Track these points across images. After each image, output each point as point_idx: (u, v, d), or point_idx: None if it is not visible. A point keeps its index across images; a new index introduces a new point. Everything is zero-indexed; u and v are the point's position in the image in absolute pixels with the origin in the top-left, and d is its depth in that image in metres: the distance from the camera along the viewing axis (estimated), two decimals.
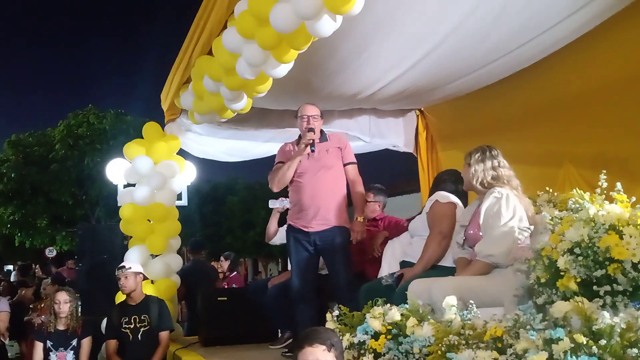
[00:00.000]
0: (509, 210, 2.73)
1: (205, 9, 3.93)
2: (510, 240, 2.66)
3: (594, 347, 1.55)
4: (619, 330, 1.58)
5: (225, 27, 3.67)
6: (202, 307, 5.14)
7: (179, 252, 5.79)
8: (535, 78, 4.27)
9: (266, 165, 4.59)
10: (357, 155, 4.13)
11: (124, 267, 4.46)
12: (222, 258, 7.39)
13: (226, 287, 6.78)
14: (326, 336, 1.92)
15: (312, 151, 3.74)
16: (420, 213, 3.59)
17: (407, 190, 9.99)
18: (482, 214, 2.78)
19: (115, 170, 5.51)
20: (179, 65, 4.60)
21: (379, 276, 3.51)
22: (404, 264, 3.38)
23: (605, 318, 1.60)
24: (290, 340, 4.40)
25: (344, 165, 3.89)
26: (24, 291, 7.51)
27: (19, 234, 16.45)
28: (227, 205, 21.06)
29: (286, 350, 4.30)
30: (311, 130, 3.74)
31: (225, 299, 5.15)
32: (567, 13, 3.44)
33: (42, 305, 5.97)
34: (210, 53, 3.92)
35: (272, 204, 4.46)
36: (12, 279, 11.61)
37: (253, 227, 19.81)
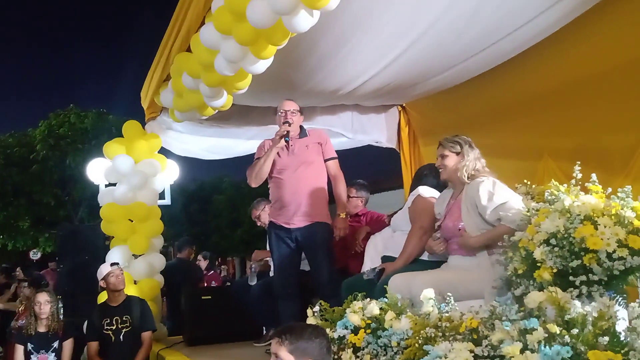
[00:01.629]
0: (508, 189, 2.75)
1: (183, 5, 3.90)
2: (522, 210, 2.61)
3: (566, 337, 1.56)
4: (591, 319, 1.59)
5: (203, 23, 3.64)
6: (186, 306, 5.12)
7: (166, 251, 5.75)
8: (514, 72, 4.29)
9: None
10: (339, 152, 4.13)
11: (117, 263, 4.47)
12: (200, 257, 7.40)
13: (204, 285, 6.79)
14: (285, 331, 1.92)
15: (287, 142, 3.74)
16: (402, 208, 3.60)
17: (390, 186, 10.01)
18: (482, 195, 2.71)
19: (96, 170, 5.46)
20: (158, 63, 4.56)
21: (361, 271, 3.52)
22: (385, 259, 3.39)
23: (577, 307, 1.61)
24: None
25: (325, 160, 3.89)
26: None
27: (0, 237, 16.24)
28: (213, 204, 20.99)
29: (270, 348, 4.29)
30: (286, 123, 3.74)
31: (210, 297, 5.13)
32: (543, 8, 3.46)
33: (22, 308, 5.89)
34: (188, 50, 3.89)
35: (252, 280, 4.66)
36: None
37: (240, 225, 19.75)
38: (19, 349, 4.26)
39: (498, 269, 2.56)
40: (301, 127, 3.89)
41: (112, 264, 4.44)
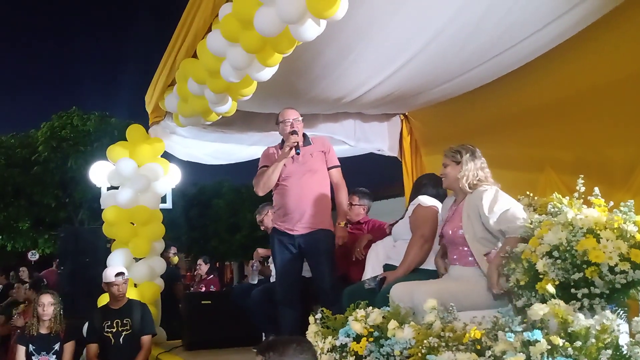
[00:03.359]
0: (510, 198, 2.75)
1: (190, 11, 3.93)
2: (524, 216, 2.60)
3: (569, 349, 1.57)
4: (594, 332, 1.61)
5: (210, 30, 3.67)
6: (185, 310, 5.12)
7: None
8: (518, 84, 4.31)
9: (252, 168, 4.59)
10: (342, 159, 4.15)
11: (123, 273, 4.42)
12: (201, 262, 7.38)
13: (204, 289, 6.76)
14: (270, 348, 1.80)
15: (297, 154, 3.75)
16: (402, 217, 3.61)
17: (391, 194, 10.02)
18: (484, 204, 2.71)
19: (99, 173, 5.47)
20: (164, 68, 4.58)
21: (362, 279, 3.52)
22: (387, 267, 3.40)
23: (581, 320, 1.62)
24: None
25: (328, 169, 3.90)
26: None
27: (0, 237, 16.23)
28: (213, 209, 20.97)
29: None
30: (294, 132, 3.75)
31: (209, 302, 5.14)
32: (548, 20, 3.48)
33: (24, 309, 5.88)
34: (194, 56, 3.91)
35: (253, 279, 4.77)
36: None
37: (239, 230, 19.74)
38: (21, 350, 4.24)
39: (500, 280, 2.57)
40: (305, 134, 3.90)
41: (117, 274, 4.38)
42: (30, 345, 4.26)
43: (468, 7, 3.33)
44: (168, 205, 5.68)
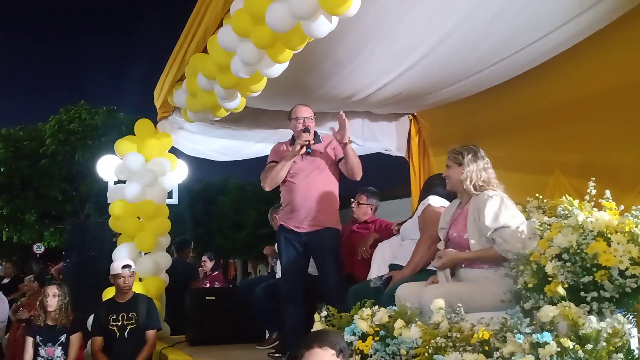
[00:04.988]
0: (515, 210, 2.71)
1: (201, 6, 3.93)
2: (522, 239, 2.56)
3: (580, 352, 1.56)
4: (605, 336, 1.59)
5: (220, 25, 3.67)
6: (189, 306, 5.13)
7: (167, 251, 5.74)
8: (528, 86, 4.30)
9: (258, 165, 4.58)
10: None
11: (130, 266, 4.42)
12: (206, 258, 7.38)
13: (208, 285, 6.77)
14: (336, 340, 1.89)
15: (308, 153, 3.73)
16: (411, 217, 3.60)
17: (398, 194, 10.00)
18: (487, 214, 2.67)
19: (106, 167, 5.48)
20: (173, 63, 4.59)
21: (368, 278, 3.52)
22: (393, 267, 3.39)
23: (592, 323, 1.60)
24: (278, 342, 4.40)
25: (339, 160, 3.86)
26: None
27: (7, 229, 16.32)
28: (217, 205, 21.03)
29: (273, 351, 4.30)
30: (307, 130, 3.73)
31: (213, 298, 5.15)
32: (558, 24, 3.47)
33: (28, 301, 5.92)
34: (205, 51, 3.91)
35: (277, 270, 4.66)
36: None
37: (243, 227, 19.78)
38: (29, 341, 4.26)
39: (507, 282, 2.55)
40: (315, 132, 3.89)
41: (123, 267, 4.37)
42: (38, 337, 4.28)
43: (479, 9, 3.31)
44: (174, 200, 5.69)
